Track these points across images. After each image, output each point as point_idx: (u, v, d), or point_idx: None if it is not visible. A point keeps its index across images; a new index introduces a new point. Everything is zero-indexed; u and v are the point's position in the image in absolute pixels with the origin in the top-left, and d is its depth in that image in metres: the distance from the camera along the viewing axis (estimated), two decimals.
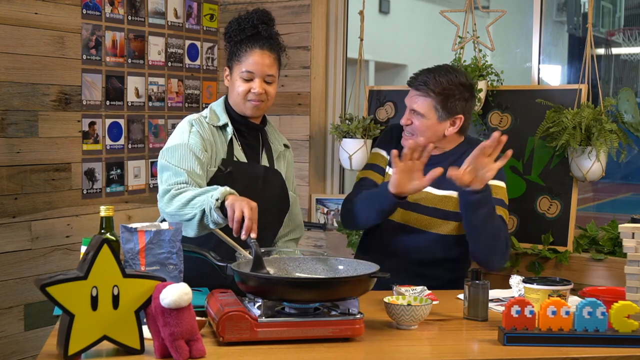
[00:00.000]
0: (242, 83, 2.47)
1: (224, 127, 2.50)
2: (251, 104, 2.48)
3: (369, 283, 1.95)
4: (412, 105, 2.56)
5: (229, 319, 1.84)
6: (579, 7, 7.30)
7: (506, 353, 1.86)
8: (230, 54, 2.53)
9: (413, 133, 2.56)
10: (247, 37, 2.48)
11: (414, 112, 2.55)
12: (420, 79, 2.55)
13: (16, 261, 3.22)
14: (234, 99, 2.51)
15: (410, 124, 2.57)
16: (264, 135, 2.60)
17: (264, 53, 2.47)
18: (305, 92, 3.90)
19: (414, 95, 2.57)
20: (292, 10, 3.90)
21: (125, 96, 3.67)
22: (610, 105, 3.09)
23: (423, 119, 2.54)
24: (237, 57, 2.48)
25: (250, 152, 2.54)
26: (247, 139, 2.54)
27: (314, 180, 3.95)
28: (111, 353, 1.77)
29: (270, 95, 2.50)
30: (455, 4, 3.75)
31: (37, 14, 3.26)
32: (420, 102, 2.54)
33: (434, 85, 2.52)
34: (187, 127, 2.44)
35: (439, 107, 2.53)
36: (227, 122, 2.49)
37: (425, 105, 2.54)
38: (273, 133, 2.65)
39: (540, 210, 3.23)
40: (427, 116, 2.54)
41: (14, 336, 3.23)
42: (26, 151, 3.24)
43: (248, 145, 2.54)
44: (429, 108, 2.53)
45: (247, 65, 2.46)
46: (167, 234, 1.99)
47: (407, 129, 2.59)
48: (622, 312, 1.90)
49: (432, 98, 2.53)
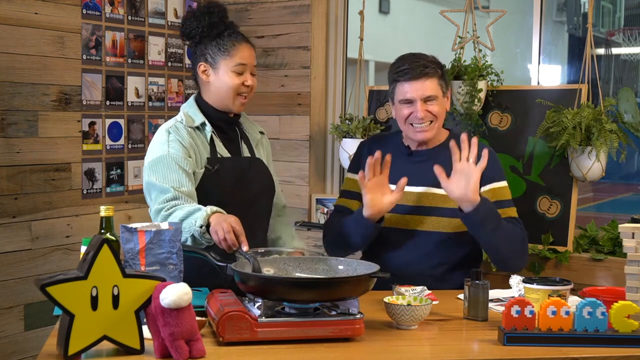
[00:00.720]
0: (235, 77, 2.45)
1: (202, 127, 2.48)
2: (241, 99, 2.48)
3: (369, 283, 1.95)
4: (425, 92, 2.50)
5: (229, 319, 1.84)
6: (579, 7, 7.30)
7: (506, 353, 1.86)
8: (209, 50, 2.47)
9: (432, 121, 2.53)
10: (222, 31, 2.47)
11: (429, 99, 2.51)
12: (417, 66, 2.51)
13: (16, 261, 3.22)
14: (221, 94, 2.48)
15: (427, 115, 2.51)
16: (240, 126, 2.61)
17: (249, 45, 2.50)
18: (305, 92, 3.90)
19: (419, 84, 2.50)
20: (292, 10, 3.90)
21: (125, 96, 3.67)
22: (610, 105, 3.09)
23: (436, 100, 2.52)
24: (224, 51, 2.45)
25: (232, 146, 2.54)
26: (226, 133, 2.54)
27: (314, 180, 3.95)
28: (111, 353, 1.77)
29: (254, 88, 2.52)
30: (455, 4, 3.75)
31: (37, 14, 3.26)
32: (430, 85, 2.51)
33: (432, 64, 2.53)
34: (165, 137, 2.42)
35: (442, 82, 2.55)
36: (204, 121, 2.48)
37: (434, 86, 2.52)
38: (247, 123, 2.65)
39: (540, 210, 3.23)
40: (438, 96, 2.53)
41: (14, 336, 3.23)
42: (26, 151, 3.24)
43: (228, 140, 2.54)
44: (437, 87, 2.53)
45: (240, 58, 2.45)
46: (167, 234, 1.99)
47: (426, 119, 2.52)
48: (622, 312, 1.90)
49: (436, 76, 2.53)
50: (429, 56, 2.57)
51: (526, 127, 3.28)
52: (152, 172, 2.37)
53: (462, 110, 3.31)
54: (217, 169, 2.44)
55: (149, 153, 2.44)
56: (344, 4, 3.97)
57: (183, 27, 2.53)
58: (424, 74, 2.50)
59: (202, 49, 2.49)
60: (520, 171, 3.28)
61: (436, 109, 2.52)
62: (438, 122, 2.54)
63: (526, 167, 3.27)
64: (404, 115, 2.54)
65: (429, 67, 2.51)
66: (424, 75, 2.50)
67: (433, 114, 2.52)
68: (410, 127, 2.55)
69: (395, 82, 2.56)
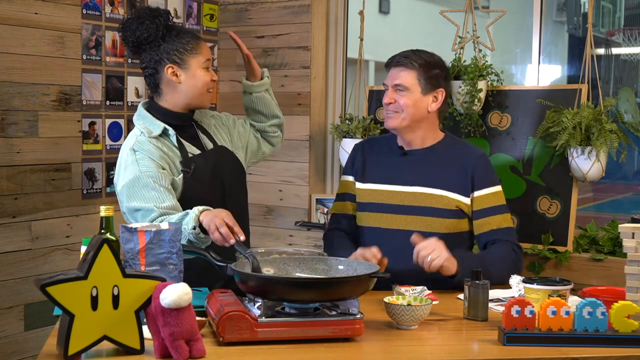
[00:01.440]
0: (205, 73, 2.48)
1: (164, 134, 2.45)
2: (209, 95, 2.51)
3: (369, 283, 1.95)
4: (395, 80, 2.56)
5: (229, 319, 1.84)
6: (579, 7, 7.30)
7: (506, 353, 1.86)
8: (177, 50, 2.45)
9: (397, 111, 2.56)
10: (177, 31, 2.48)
11: (398, 87, 2.55)
12: (400, 56, 2.58)
13: (16, 261, 3.22)
14: (195, 92, 2.47)
15: (393, 102, 2.56)
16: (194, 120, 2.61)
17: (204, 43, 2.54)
18: (305, 92, 3.90)
19: (395, 71, 2.57)
20: (292, 10, 3.90)
21: (125, 96, 3.67)
22: (610, 105, 3.09)
23: (407, 92, 2.54)
24: (193, 50, 2.46)
25: (194, 142, 2.54)
26: (185, 132, 2.53)
27: (314, 180, 3.95)
28: (111, 353, 1.77)
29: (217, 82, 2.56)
30: (455, 4, 3.75)
31: (37, 14, 3.26)
32: (404, 75, 2.55)
33: (415, 58, 2.56)
34: (132, 157, 2.36)
35: (422, 78, 2.55)
36: (164, 127, 2.44)
37: (408, 77, 2.55)
38: (197, 114, 2.62)
39: (540, 210, 3.23)
40: (411, 89, 2.54)
41: (14, 336, 3.23)
42: (26, 151, 3.24)
43: (190, 137, 2.53)
44: (413, 81, 2.55)
45: (206, 54, 2.50)
46: (167, 234, 1.99)
47: (391, 107, 2.57)
48: (622, 312, 1.90)
49: (414, 70, 2.55)
50: (425, 54, 2.60)
51: (526, 127, 3.28)
52: (130, 196, 2.32)
53: (462, 110, 3.31)
54: (194, 169, 2.44)
55: (120, 176, 2.39)
56: (344, 4, 3.97)
57: (129, 33, 2.46)
58: (401, 63, 2.56)
59: (165, 51, 2.45)
60: (520, 171, 3.28)
61: (403, 100, 2.54)
62: (405, 115, 2.55)
63: (526, 167, 3.27)
64: (383, 101, 2.61)
65: (408, 58, 2.55)
66: (400, 64, 2.56)
67: (399, 104, 2.54)
68: (385, 114, 2.62)
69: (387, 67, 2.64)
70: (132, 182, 2.32)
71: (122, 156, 2.42)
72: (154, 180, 2.31)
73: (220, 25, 4.12)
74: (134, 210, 2.32)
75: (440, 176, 2.59)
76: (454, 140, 2.70)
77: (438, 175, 2.59)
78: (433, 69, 2.58)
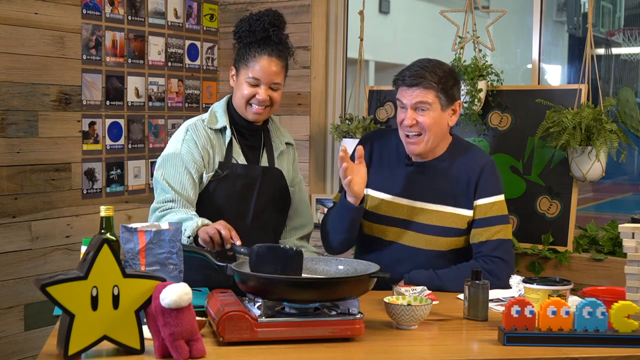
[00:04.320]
0: (247, 87, 2.45)
1: (223, 130, 2.49)
2: (252, 109, 2.47)
3: (369, 283, 1.95)
4: (414, 99, 2.42)
5: (229, 319, 1.84)
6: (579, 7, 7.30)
7: (506, 353, 1.86)
8: (238, 55, 2.49)
9: (421, 132, 2.46)
10: (256, 40, 2.45)
11: (419, 106, 2.43)
12: (414, 74, 2.44)
13: (16, 261, 3.22)
14: (237, 101, 2.50)
15: (415, 123, 2.45)
16: (266, 134, 2.59)
17: (272, 60, 2.45)
18: (305, 92, 3.90)
19: (412, 91, 2.44)
20: (292, 10, 3.90)
21: (125, 96, 3.67)
22: (610, 105, 3.09)
23: (429, 112, 2.43)
24: (245, 61, 2.45)
25: (251, 153, 2.53)
26: (247, 139, 2.54)
27: (314, 180, 3.95)
28: (111, 353, 1.77)
29: (275, 101, 2.49)
30: (455, 4, 3.75)
31: (37, 14, 3.26)
32: (424, 94, 2.42)
33: (430, 76, 2.42)
34: (182, 135, 2.45)
35: (442, 95, 2.44)
36: (225, 125, 2.48)
37: (429, 96, 2.42)
38: (276, 131, 2.63)
39: (540, 210, 3.23)
40: (432, 106, 2.43)
41: (14, 336, 3.23)
42: (26, 151, 3.24)
43: (248, 147, 2.54)
44: (433, 99, 2.43)
45: (254, 71, 2.43)
46: (167, 234, 1.99)
47: (414, 129, 2.46)
48: (622, 312, 1.90)
49: (433, 88, 2.43)
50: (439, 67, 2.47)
51: (526, 127, 3.28)
52: (161, 167, 2.42)
53: (462, 110, 3.31)
54: (226, 175, 2.44)
55: (166, 147, 2.49)
56: (344, 4, 3.97)
57: (235, 28, 2.53)
58: (418, 84, 2.43)
59: (236, 54, 2.52)
60: (520, 171, 3.28)
61: (426, 120, 2.43)
62: (429, 136, 2.46)
63: (526, 167, 3.27)
64: (399, 120, 2.51)
65: (424, 78, 2.42)
66: (418, 85, 2.43)
67: (422, 125, 2.44)
68: (404, 136, 2.51)
69: (395, 83, 2.51)
70: (168, 156, 2.43)
71: (178, 130, 2.51)
72: (185, 166, 2.39)
73: (220, 25, 4.12)
74: (157, 182, 2.42)
75: (445, 191, 2.51)
76: (461, 148, 2.59)
77: (443, 190, 2.52)
78: (449, 81, 2.46)
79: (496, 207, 2.52)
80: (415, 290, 2.24)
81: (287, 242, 2.64)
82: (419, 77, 2.43)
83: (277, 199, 2.58)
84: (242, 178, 2.47)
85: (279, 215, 2.61)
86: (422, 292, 2.24)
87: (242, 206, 2.47)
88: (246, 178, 2.48)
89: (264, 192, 2.52)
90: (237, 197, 2.47)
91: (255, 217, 2.49)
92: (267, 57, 2.44)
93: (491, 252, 2.47)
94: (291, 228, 2.67)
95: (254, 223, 2.46)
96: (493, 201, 2.52)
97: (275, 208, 2.58)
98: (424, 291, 2.25)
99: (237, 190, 2.46)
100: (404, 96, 2.47)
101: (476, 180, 2.51)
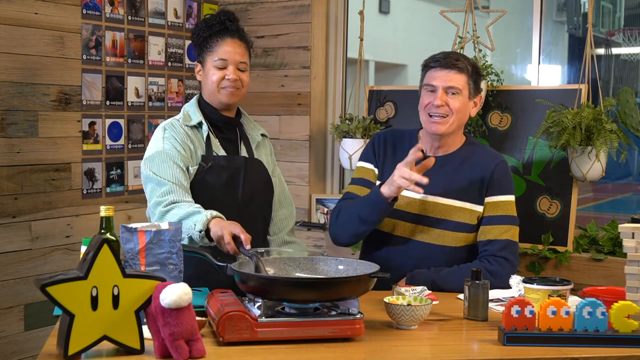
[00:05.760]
0: (216, 71, 2.50)
1: (199, 126, 2.52)
2: (226, 91, 2.50)
3: (369, 283, 1.95)
4: (449, 82, 2.46)
5: (229, 319, 1.84)
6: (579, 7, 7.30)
7: (506, 353, 1.86)
8: (201, 49, 2.55)
9: (446, 114, 2.47)
10: (215, 31, 2.52)
11: (451, 89, 2.46)
12: (449, 57, 2.50)
13: (16, 261, 3.22)
14: (208, 89, 2.53)
15: (444, 104, 2.46)
16: (240, 127, 2.63)
17: (235, 42, 2.52)
18: (305, 92, 3.90)
19: (446, 73, 2.47)
20: (292, 10, 3.90)
21: (125, 96, 3.67)
22: (610, 105, 3.09)
23: (459, 96, 2.47)
24: (209, 49, 2.51)
25: (229, 145, 2.57)
26: (224, 133, 2.57)
27: (314, 180, 3.95)
28: (111, 353, 1.77)
29: (245, 83, 2.54)
30: (455, 4, 3.75)
31: (37, 14, 3.26)
32: (457, 78, 2.47)
33: (465, 62, 2.49)
34: (161, 134, 2.48)
35: (472, 83, 2.50)
36: (200, 121, 2.51)
37: (462, 80, 2.47)
38: (249, 124, 2.66)
39: (540, 210, 3.23)
40: (463, 92, 2.48)
41: (14, 336, 3.23)
42: (26, 151, 3.24)
43: (226, 140, 2.57)
44: (465, 84, 2.48)
45: (220, 53, 2.50)
46: (167, 234, 1.99)
47: (441, 110, 2.47)
48: (622, 312, 1.90)
49: (466, 74, 2.48)
50: (470, 58, 2.55)
51: (526, 127, 3.28)
52: (149, 166, 2.44)
53: None
54: (211, 166, 2.48)
55: (147, 149, 2.50)
56: (344, 4, 3.97)
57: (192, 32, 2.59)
58: (454, 65, 2.47)
59: (198, 50, 2.57)
60: (520, 171, 3.28)
61: (456, 104, 2.47)
62: (454, 119, 2.48)
63: (526, 167, 3.27)
64: (424, 103, 2.51)
65: (460, 62, 2.48)
66: (454, 66, 2.47)
67: (450, 108, 2.47)
68: (427, 117, 2.51)
69: (426, 67, 2.54)
70: (153, 155, 2.44)
71: (154, 132, 2.52)
72: (172, 159, 2.41)
73: None
74: (149, 179, 2.42)
75: (459, 186, 2.51)
76: (475, 147, 2.60)
77: (457, 185, 2.52)
78: (477, 72, 2.54)
79: (507, 206, 2.52)
80: (415, 290, 2.24)
81: (277, 237, 2.67)
82: (455, 59, 2.49)
83: (263, 189, 2.62)
84: (226, 169, 2.51)
85: (265, 203, 2.65)
86: (422, 292, 2.24)
87: (230, 197, 2.50)
88: (230, 169, 2.51)
89: (250, 182, 2.55)
90: (224, 188, 2.49)
91: (244, 207, 2.51)
92: (230, 39, 2.52)
93: (498, 251, 2.46)
94: (278, 220, 2.70)
95: (243, 214, 2.47)
96: (504, 200, 2.52)
97: (262, 198, 2.62)
98: (424, 291, 2.25)
99: (222, 181, 2.48)
100: (436, 78, 2.49)
101: (489, 176, 2.51)
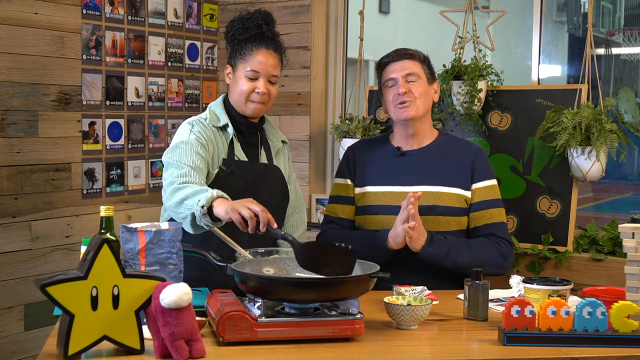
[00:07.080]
0: (246, 82, 2.47)
1: (225, 128, 2.51)
2: (253, 105, 2.48)
3: (369, 283, 1.95)
4: (405, 71, 2.58)
5: (229, 319, 1.84)
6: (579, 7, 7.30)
7: (506, 353, 1.86)
8: (233, 52, 2.52)
9: (410, 100, 2.56)
10: (251, 36, 2.49)
11: (409, 76, 2.57)
12: (399, 50, 2.64)
13: (16, 261, 3.22)
14: (236, 97, 2.51)
15: (408, 91, 2.56)
16: (262, 133, 2.62)
17: (270, 53, 2.48)
18: (305, 92, 3.90)
19: (401, 64, 2.59)
20: (292, 10, 3.90)
21: (125, 96, 3.67)
22: (610, 105, 3.09)
23: (420, 80, 2.58)
24: (242, 56, 2.48)
25: (250, 150, 2.55)
26: (246, 137, 2.56)
27: (314, 180, 3.95)
28: (111, 353, 1.77)
29: (272, 96, 2.52)
30: (455, 4, 3.75)
31: (37, 14, 3.26)
32: (412, 65, 2.59)
33: (414, 52, 2.63)
34: (188, 128, 2.46)
35: (426, 68, 2.63)
36: (227, 123, 2.50)
37: (417, 67, 2.60)
38: (271, 130, 2.66)
39: (540, 210, 3.23)
40: (421, 77, 2.59)
41: (14, 336, 3.23)
42: (26, 151, 3.24)
43: (248, 144, 2.55)
44: (420, 69, 2.60)
45: (253, 64, 2.46)
46: (167, 234, 1.99)
47: (406, 97, 2.56)
48: (622, 312, 1.90)
49: (418, 61, 2.61)
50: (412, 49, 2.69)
51: (526, 127, 3.28)
52: (171, 153, 2.40)
53: (462, 110, 3.31)
54: (231, 171, 2.45)
55: (174, 139, 2.48)
56: (344, 4, 3.97)
57: (227, 28, 2.56)
58: (405, 54, 2.61)
59: (230, 52, 2.54)
60: (520, 171, 3.28)
61: (419, 88, 2.57)
62: (419, 102, 2.57)
63: (526, 167, 3.27)
64: (389, 99, 2.60)
65: (411, 50, 2.63)
66: (405, 56, 2.60)
67: (414, 93, 2.56)
68: (395, 108, 2.59)
69: (380, 67, 2.65)
70: (177, 144, 2.41)
71: (179, 128, 2.50)
72: (194, 149, 2.38)
73: (220, 25, 4.12)
74: (169, 164, 2.37)
75: (442, 173, 2.58)
76: (449, 137, 2.72)
77: (440, 173, 2.58)
78: (429, 61, 2.66)
79: (495, 190, 2.62)
80: (415, 290, 2.24)
81: (286, 242, 2.63)
82: (405, 51, 2.63)
83: (279, 196, 2.61)
84: (246, 175, 2.49)
85: (280, 210, 2.63)
86: (422, 292, 2.24)
87: None
88: (250, 175, 2.50)
89: (267, 189, 2.53)
90: (242, 194, 2.47)
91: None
92: (265, 49, 2.48)
93: (502, 234, 2.57)
94: (289, 225, 2.71)
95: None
96: (491, 184, 2.62)
97: (278, 204, 2.60)
98: (424, 291, 2.25)
99: (241, 187, 2.46)
100: (394, 71, 2.60)
101: (471, 163, 2.60)
